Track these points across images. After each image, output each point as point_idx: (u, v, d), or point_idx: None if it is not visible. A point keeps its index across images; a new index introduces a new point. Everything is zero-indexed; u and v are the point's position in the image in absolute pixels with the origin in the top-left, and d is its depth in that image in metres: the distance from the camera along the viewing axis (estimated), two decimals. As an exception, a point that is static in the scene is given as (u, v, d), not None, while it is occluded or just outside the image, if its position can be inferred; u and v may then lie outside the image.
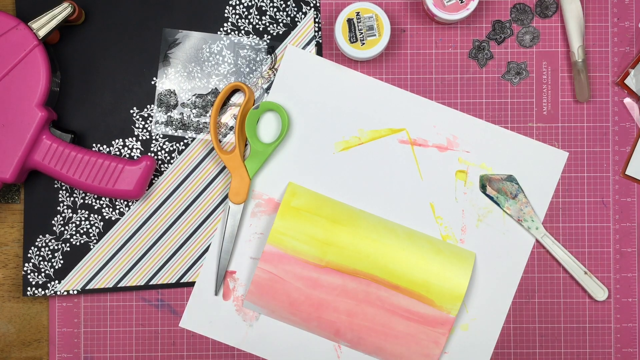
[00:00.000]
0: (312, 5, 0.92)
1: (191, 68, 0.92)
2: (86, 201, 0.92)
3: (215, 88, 0.92)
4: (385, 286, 0.88)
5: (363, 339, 0.89)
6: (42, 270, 0.91)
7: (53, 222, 0.92)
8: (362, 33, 0.88)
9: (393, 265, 0.88)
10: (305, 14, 0.92)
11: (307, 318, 0.89)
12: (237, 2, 0.92)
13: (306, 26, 0.92)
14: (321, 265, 0.88)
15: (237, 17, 0.92)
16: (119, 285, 0.92)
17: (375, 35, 0.88)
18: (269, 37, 0.92)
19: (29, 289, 0.91)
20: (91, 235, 0.92)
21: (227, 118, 0.92)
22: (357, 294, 0.88)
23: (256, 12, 0.92)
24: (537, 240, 0.92)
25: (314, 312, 0.88)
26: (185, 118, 0.92)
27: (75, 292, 0.91)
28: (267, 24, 0.92)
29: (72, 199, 0.92)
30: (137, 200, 0.92)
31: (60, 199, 0.92)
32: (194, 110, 0.92)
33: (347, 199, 0.92)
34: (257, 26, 0.92)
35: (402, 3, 0.93)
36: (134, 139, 0.92)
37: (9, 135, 0.86)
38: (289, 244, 0.88)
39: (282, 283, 0.88)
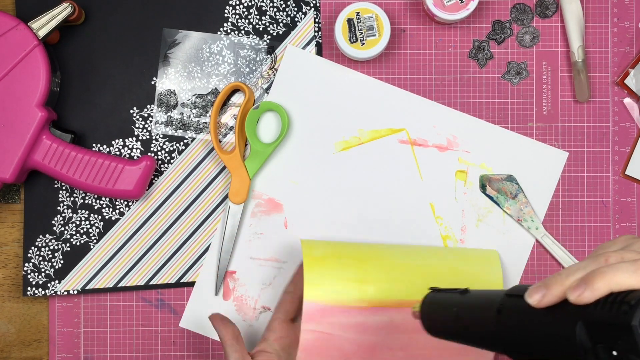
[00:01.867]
0: (312, 5, 0.92)
1: (191, 68, 0.92)
2: (86, 201, 0.92)
3: (215, 88, 0.92)
4: None
5: None
6: (42, 270, 0.91)
7: (53, 222, 0.92)
8: (362, 33, 0.88)
9: (431, 284, 0.83)
10: (305, 14, 0.92)
11: None
12: (237, 2, 0.92)
13: (306, 26, 0.92)
14: (364, 307, 0.82)
15: (237, 17, 0.92)
16: (119, 285, 0.92)
17: (375, 35, 0.88)
18: (269, 37, 0.92)
19: (29, 289, 0.91)
20: (91, 235, 0.92)
21: (227, 118, 0.92)
22: (407, 326, 0.83)
23: (256, 12, 0.92)
24: (537, 240, 0.92)
25: (368, 357, 0.83)
26: (185, 118, 0.92)
27: (75, 292, 0.91)
28: (267, 24, 0.92)
29: (72, 199, 0.92)
30: (137, 200, 0.92)
31: (60, 199, 0.92)
32: (194, 110, 0.92)
33: (347, 199, 0.91)
34: (257, 26, 0.92)
35: (402, 3, 0.93)
36: (134, 139, 0.92)
37: (9, 135, 0.86)
38: (326, 294, 0.82)
39: (330, 339, 0.82)
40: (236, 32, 0.92)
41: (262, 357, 0.82)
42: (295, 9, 0.92)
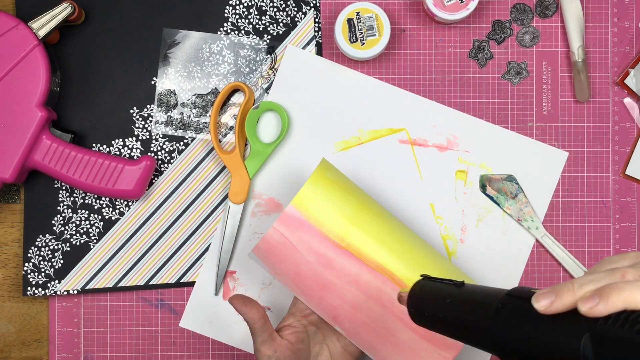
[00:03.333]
0: (312, 5, 0.92)
1: (191, 68, 0.92)
2: (86, 201, 0.92)
3: (215, 88, 0.92)
4: None
5: (360, 334, 0.80)
6: (42, 270, 0.91)
7: (53, 222, 0.92)
8: (362, 33, 0.88)
9: (414, 270, 0.80)
10: (305, 14, 0.92)
11: (308, 293, 0.80)
12: (237, 2, 0.92)
13: (306, 26, 0.92)
14: (340, 246, 0.79)
15: (237, 17, 0.92)
16: (119, 285, 0.92)
17: (375, 35, 0.88)
18: (269, 37, 0.92)
19: (29, 288, 0.91)
20: (91, 235, 0.92)
21: (227, 118, 0.92)
22: (369, 289, 0.79)
23: (256, 12, 0.92)
24: (537, 240, 0.92)
25: (317, 291, 0.80)
26: (185, 118, 0.92)
27: (75, 292, 0.91)
28: (267, 24, 0.92)
29: (72, 199, 0.92)
30: (137, 200, 0.92)
31: (60, 199, 0.92)
32: (194, 110, 0.92)
33: (347, 199, 0.91)
34: (257, 26, 0.92)
35: (402, 3, 0.93)
36: (134, 139, 0.92)
37: (9, 135, 0.86)
38: (313, 212, 0.78)
39: (293, 251, 0.79)
40: (236, 32, 0.92)
41: (288, 331, 0.82)
42: (295, 9, 0.92)
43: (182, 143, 0.92)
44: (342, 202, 0.80)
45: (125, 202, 0.92)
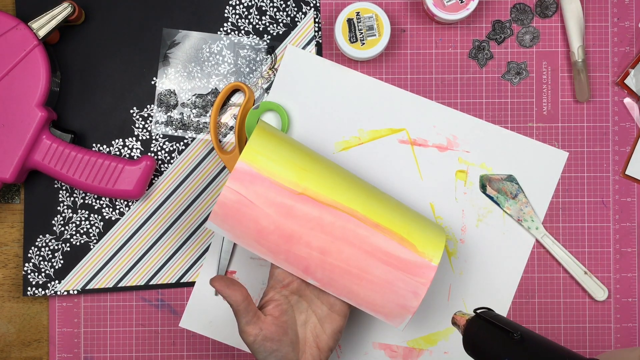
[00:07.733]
0: (312, 5, 0.92)
1: (191, 68, 0.92)
2: (86, 201, 0.92)
3: (215, 88, 0.92)
4: (366, 224, 0.79)
5: (335, 280, 0.80)
6: (42, 270, 0.91)
7: (53, 222, 0.92)
8: (362, 33, 0.88)
9: (375, 202, 0.80)
10: (305, 14, 0.92)
11: (274, 250, 0.79)
12: (237, 2, 0.92)
13: (306, 26, 0.92)
14: (297, 192, 0.78)
15: (237, 17, 0.92)
16: (119, 285, 0.92)
17: (375, 35, 0.88)
18: (269, 37, 0.92)
19: (29, 289, 0.91)
20: (91, 235, 0.92)
21: (227, 118, 0.92)
22: (334, 230, 0.78)
23: (256, 12, 0.92)
24: (537, 240, 0.92)
25: (283, 244, 0.79)
26: (185, 118, 0.92)
27: (75, 292, 0.91)
28: (267, 24, 0.92)
29: (72, 199, 0.92)
30: (137, 200, 0.92)
31: (60, 199, 0.92)
32: (194, 110, 0.92)
33: (347, 199, 0.91)
34: (257, 26, 0.92)
35: (402, 3, 0.93)
36: (134, 139, 0.92)
37: (9, 135, 0.86)
38: (264, 163, 0.78)
39: (251, 207, 0.78)
40: (236, 32, 0.92)
41: (271, 306, 0.80)
42: (295, 9, 0.92)
43: (182, 143, 0.92)
44: (289, 152, 0.79)
45: (125, 202, 0.92)
